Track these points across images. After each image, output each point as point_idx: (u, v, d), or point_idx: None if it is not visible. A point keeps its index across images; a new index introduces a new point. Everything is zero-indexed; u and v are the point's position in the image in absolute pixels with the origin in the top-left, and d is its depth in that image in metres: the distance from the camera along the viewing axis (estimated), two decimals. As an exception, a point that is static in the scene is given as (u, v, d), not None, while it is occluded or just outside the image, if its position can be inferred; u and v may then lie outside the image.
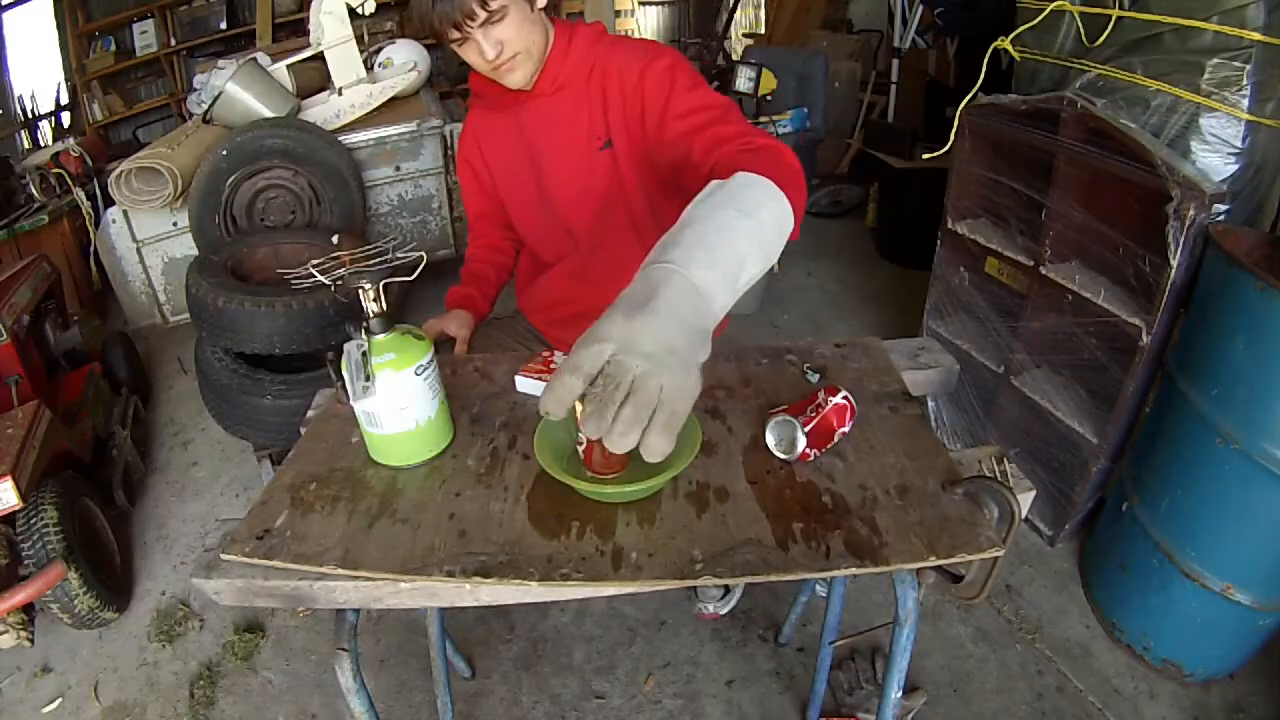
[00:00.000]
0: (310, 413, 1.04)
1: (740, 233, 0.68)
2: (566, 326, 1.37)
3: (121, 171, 2.34)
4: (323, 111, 2.72)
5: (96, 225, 2.73)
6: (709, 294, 0.63)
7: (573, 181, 1.21)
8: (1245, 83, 1.33)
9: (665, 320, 0.59)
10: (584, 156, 1.18)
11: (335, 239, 2.19)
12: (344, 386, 0.82)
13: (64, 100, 4.63)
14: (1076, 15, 1.59)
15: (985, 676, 1.51)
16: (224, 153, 2.35)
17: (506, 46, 1.05)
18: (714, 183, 0.76)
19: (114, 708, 1.56)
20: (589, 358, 0.57)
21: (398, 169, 2.82)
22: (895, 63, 3.64)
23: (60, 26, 4.61)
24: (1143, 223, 1.46)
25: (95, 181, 3.01)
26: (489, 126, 1.28)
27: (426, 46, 3.43)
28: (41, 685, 1.61)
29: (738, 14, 5.44)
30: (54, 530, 1.53)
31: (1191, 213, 1.32)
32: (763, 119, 3.22)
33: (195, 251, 2.44)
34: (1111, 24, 1.49)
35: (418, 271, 0.89)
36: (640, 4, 7.18)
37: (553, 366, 1.01)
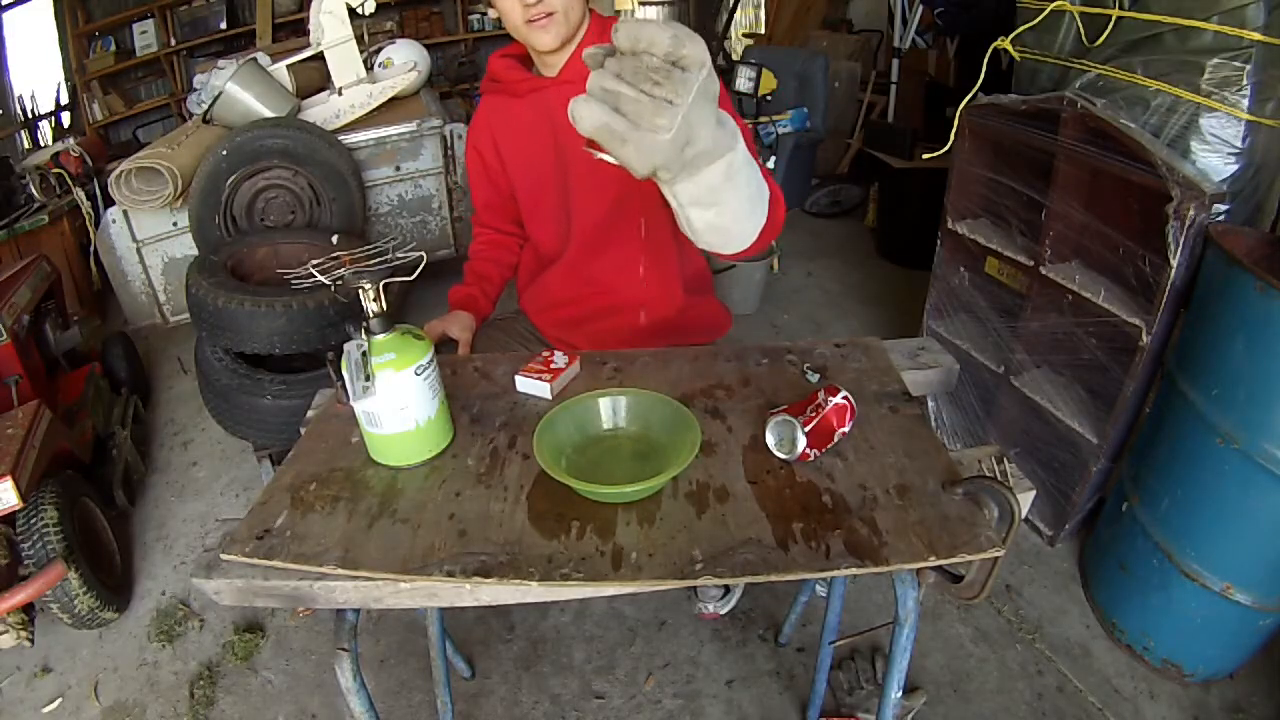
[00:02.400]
0: (310, 413, 1.04)
1: (741, 187, 0.71)
2: (570, 328, 1.37)
3: (121, 171, 2.34)
4: (323, 111, 2.72)
5: (96, 225, 2.73)
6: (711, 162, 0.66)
7: (591, 166, 1.19)
8: (1245, 83, 1.33)
9: (709, 143, 0.61)
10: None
11: (335, 239, 2.19)
12: (344, 386, 0.82)
13: (64, 100, 4.63)
14: (1076, 15, 1.59)
15: (985, 676, 1.51)
16: (224, 153, 2.35)
17: (546, 0, 1.06)
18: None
19: (114, 708, 1.56)
20: (694, 52, 0.56)
21: (398, 169, 2.82)
22: (895, 63, 3.64)
23: (60, 26, 4.60)
24: (1143, 223, 1.46)
25: (95, 181, 3.01)
26: (505, 113, 1.25)
27: (426, 46, 3.44)
28: (41, 685, 1.61)
29: (738, 14, 5.43)
30: (54, 530, 1.53)
31: (1191, 213, 1.32)
32: (763, 119, 3.22)
33: (195, 251, 2.44)
34: (1111, 24, 1.49)
35: (418, 271, 0.89)
36: (640, 4, 7.19)
37: (553, 367, 1.01)
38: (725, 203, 0.70)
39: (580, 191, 1.22)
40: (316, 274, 0.86)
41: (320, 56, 2.74)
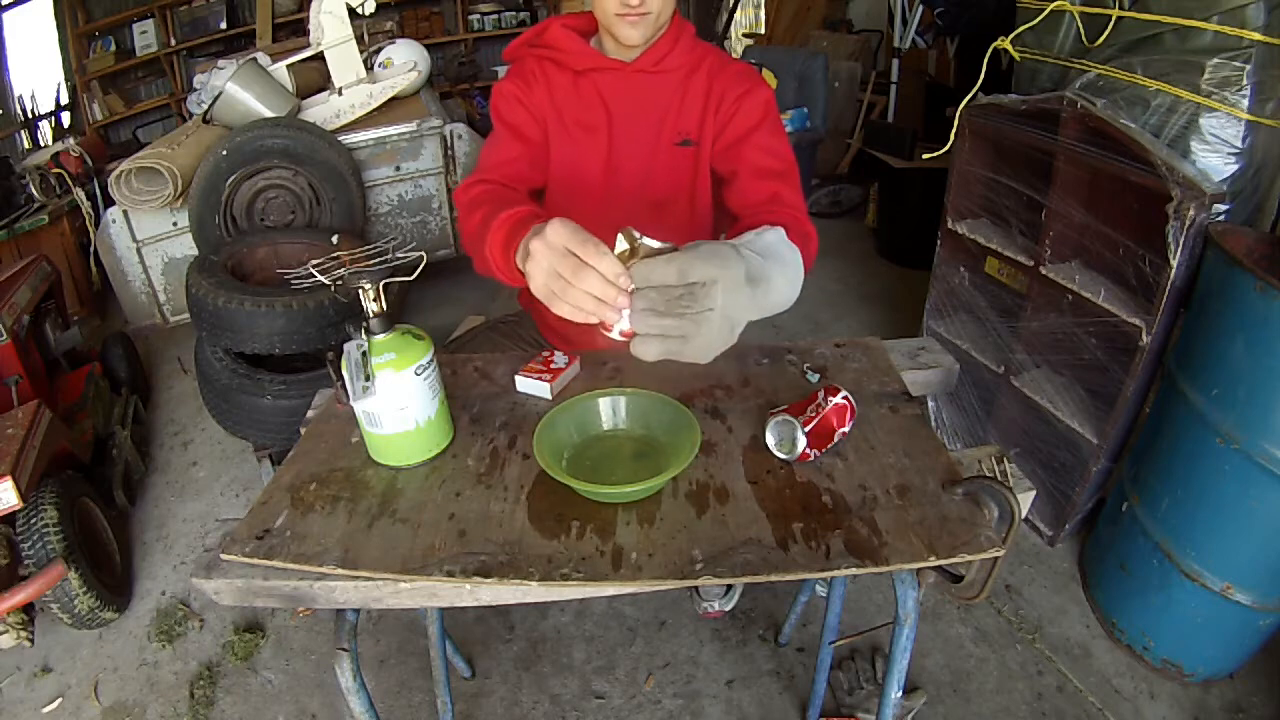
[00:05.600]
0: (310, 413, 1.04)
1: (783, 294, 0.82)
2: (585, 328, 1.33)
3: (121, 171, 2.34)
4: (323, 111, 2.72)
5: (96, 225, 2.73)
6: (760, 310, 0.77)
7: (641, 162, 1.20)
8: (1245, 83, 1.33)
9: (752, 310, 0.72)
10: (663, 145, 1.18)
11: (335, 239, 2.19)
12: (344, 386, 0.82)
13: (64, 100, 4.63)
14: (1076, 15, 1.59)
15: (985, 676, 1.51)
16: (224, 153, 2.35)
17: (647, 0, 1.06)
18: (787, 240, 0.89)
19: (114, 708, 1.56)
20: (702, 273, 0.66)
21: (398, 169, 2.82)
22: (895, 63, 3.64)
23: (60, 26, 4.60)
24: (1143, 223, 1.46)
25: (95, 181, 3.01)
26: (562, 83, 1.19)
27: (426, 46, 3.44)
28: (41, 685, 1.61)
29: (738, 14, 5.43)
30: (54, 530, 1.53)
31: (1191, 213, 1.32)
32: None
33: (195, 251, 2.44)
34: (1111, 24, 1.49)
35: (418, 271, 0.89)
36: None
37: (553, 366, 1.01)
38: (774, 306, 0.80)
39: (628, 178, 1.20)
40: (316, 274, 0.86)
41: (320, 56, 2.74)
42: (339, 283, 0.84)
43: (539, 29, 1.21)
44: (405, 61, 3.09)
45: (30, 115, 4.38)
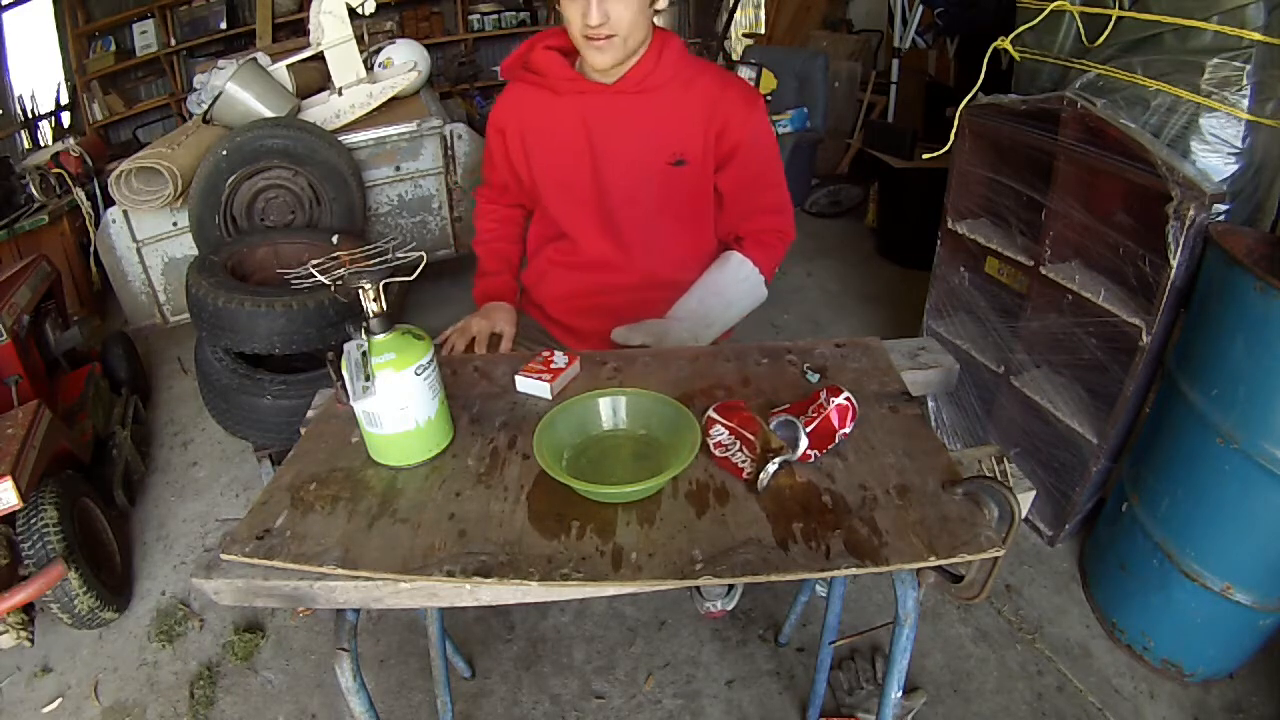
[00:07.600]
0: (310, 413, 1.04)
1: (730, 315, 1.30)
2: (592, 316, 1.34)
3: (121, 171, 2.34)
4: (323, 111, 2.72)
5: (96, 225, 2.73)
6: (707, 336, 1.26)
7: (631, 182, 1.21)
8: (1245, 83, 1.33)
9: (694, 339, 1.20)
10: (655, 166, 1.19)
11: (335, 239, 2.19)
12: (344, 386, 0.82)
13: (64, 100, 4.62)
14: (1076, 15, 1.59)
15: (985, 676, 1.51)
16: (224, 153, 2.35)
17: (611, 22, 1.04)
18: (739, 265, 1.28)
19: (114, 708, 1.56)
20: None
21: (398, 169, 2.82)
22: (895, 63, 3.64)
23: (60, 26, 4.60)
24: (1143, 223, 1.46)
25: (95, 181, 3.01)
26: (539, 107, 1.22)
27: (426, 46, 3.44)
28: (41, 685, 1.61)
29: (738, 14, 5.43)
30: (54, 530, 1.53)
31: (1191, 213, 1.32)
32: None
33: (195, 251, 2.44)
34: (1111, 24, 1.49)
35: (418, 271, 0.89)
36: None
37: (553, 367, 1.01)
38: (725, 324, 1.28)
39: (620, 198, 1.23)
40: (316, 274, 0.86)
41: (320, 56, 2.73)
42: (339, 283, 0.84)
43: (526, 48, 1.23)
44: (405, 61, 3.09)
45: (30, 115, 4.37)
